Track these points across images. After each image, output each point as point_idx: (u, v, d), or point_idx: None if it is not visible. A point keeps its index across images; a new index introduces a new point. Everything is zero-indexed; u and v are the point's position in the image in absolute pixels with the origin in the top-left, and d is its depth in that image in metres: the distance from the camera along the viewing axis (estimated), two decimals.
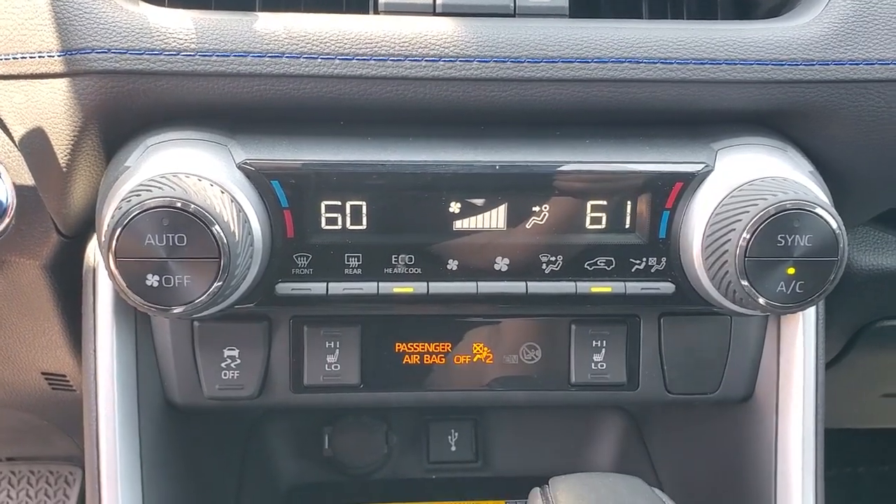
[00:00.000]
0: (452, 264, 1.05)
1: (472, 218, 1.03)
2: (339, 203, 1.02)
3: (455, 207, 1.03)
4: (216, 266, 0.91)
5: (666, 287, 1.07)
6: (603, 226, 1.05)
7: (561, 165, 1.02)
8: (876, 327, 1.45)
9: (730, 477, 1.29)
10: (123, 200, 0.91)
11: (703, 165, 1.03)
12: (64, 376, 1.36)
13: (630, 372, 1.17)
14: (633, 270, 1.06)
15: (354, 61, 0.98)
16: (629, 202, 1.04)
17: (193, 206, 0.90)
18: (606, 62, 1.00)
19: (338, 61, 0.98)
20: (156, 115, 1.01)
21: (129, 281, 0.92)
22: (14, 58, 0.96)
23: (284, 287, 1.04)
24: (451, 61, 0.99)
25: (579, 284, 1.06)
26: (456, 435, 1.66)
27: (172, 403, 1.17)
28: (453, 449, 1.66)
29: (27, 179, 1.01)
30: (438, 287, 1.05)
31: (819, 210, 0.95)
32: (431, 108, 1.01)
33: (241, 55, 0.97)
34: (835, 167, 1.09)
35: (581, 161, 1.02)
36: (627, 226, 1.05)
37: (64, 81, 0.96)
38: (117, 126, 1.01)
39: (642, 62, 1.00)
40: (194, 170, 0.95)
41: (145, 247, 0.91)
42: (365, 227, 1.03)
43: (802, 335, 1.15)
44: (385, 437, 1.65)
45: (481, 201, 1.03)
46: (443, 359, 1.17)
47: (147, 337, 1.13)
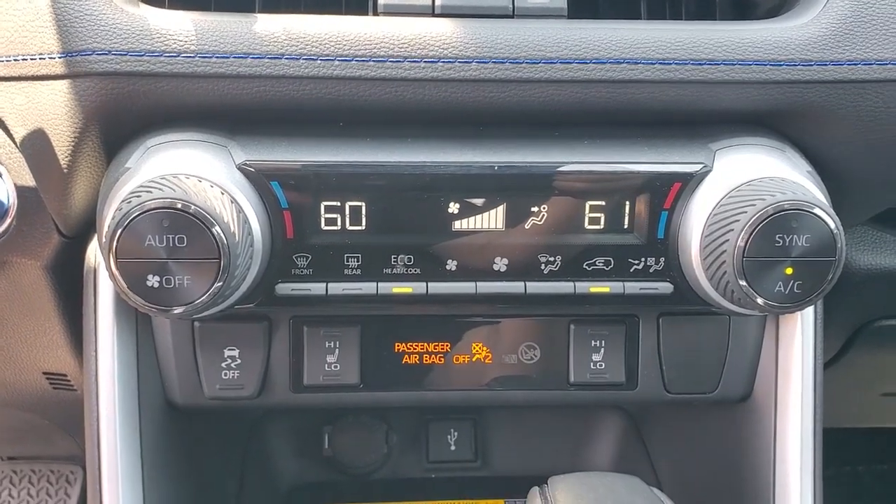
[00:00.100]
0: (451, 264, 1.05)
1: (471, 218, 1.03)
2: (339, 204, 1.02)
3: (454, 208, 1.03)
4: (216, 267, 0.92)
5: (664, 287, 1.07)
6: (601, 226, 1.05)
7: (560, 166, 1.02)
8: (874, 327, 1.45)
9: (728, 476, 1.29)
10: (124, 201, 0.92)
11: (702, 166, 1.03)
12: (65, 376, 1.36)
13: (629, 372, 1.17)
14: (632, 271, 1.06)
15: (354, 62, 0.98)
16: (628, 202, 1.04)
17: (194, 207, 0.90)
18: (605, 63, 1.00)
19: (337, 62, 0.98)
20: (156, 117, 1.02)
21: (130, 281, 0.92)
22: (15, 59, 0.97)
23: (284, 287, 1.05)
24: (450, 62, 0.99)
25: (578, 284, 1.06)
26: (455, 434, 1.66)
27: (173, 403, 1.17)
28: (453, 448, 1.66)
29: (28, 180, 1.02)
30: (437, 287, 1.06)
31: (817, 210, 0.95)
32: (430, 109, 1.01)
33: (241, 56, 0.97)
34: (833, 167, 1.09)
35: (579, 161, 1.03)
36: (626, 226, 1.05)
37: (65, 83, 0.97)
38: (118, 127, 1.02)
39: (641, 63, 1.00)
40: (194, 171, 0.95)
41: (146, 247, 0.91)
42: (364, 228, 1.03)
43: (801, 335, 1.15)
44: (385, 437, 1.65)
45: (480, 202, 1.03)
46: (442, 359, 1.17)
47: (148, 337, 1.14)
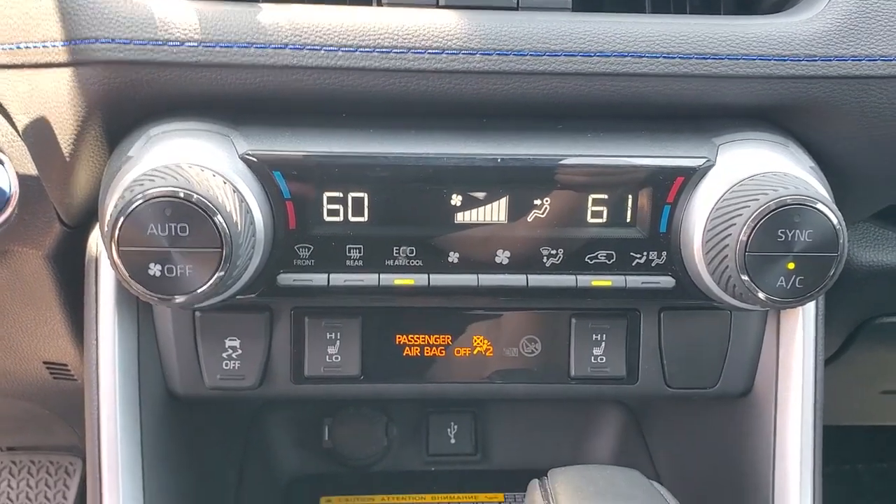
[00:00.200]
0: (453, 257, 1.05)
1: (474, 211, 1.03)
2: (341, 194, 1.02)
3: (456, 200, 1.03)
4: (218, 256, 0.92)
5: (666, 281, 1.07)
6: (604, 219, 1.05)
7: (563, 159, 1.02)
8: (875, 324, 1.45)
9: (728, 471, 1.29)
10: (126, 190, 0.91)
11: (705, 160, 1.03)
12: (65, 365, 1.36)
13: (630, 366, 1.17)
14: (634, 264, 1.06)
15: (357, 53, 0.98)
16: (630, 196, 1.04)
17: (196, 197, 0.90)
18: (609, 56, 1.00)
19: (341, 53, 0.98)
20: (159, 106, 1.01)
21: (132, 270, 0.92)
22: (18, 47, 0.96)
23: (286, 278, 1.05)
24: (454, 54, 0.99)
25: (580, 278, 1.06)
26: (455, 427, 1.66)
27: (174, 393, 1.17)
28: (453, 441, 1.66)
29: (30, 169, 1.01)
30: (439, 279, 1.06)
31: (820, 205, 0.95)
32: (434, 101, 1.01)
33: (245, 46, 0.97)
34: (836, 163, 1.09)
35: (583, 155, 1.03)
36: (628, 220, 1.05)
37: (68, 71, 0.96)
38: (120, 116, 1.02)
39: (645, 56, 1.00)
40: (197, 160, 0.95)
41: (148, 236, 0.91)
42: (366, 219, 1.03)
43: (802, 330, 1.15)
44: (385, 429, 1.65)
45: (483, 194, 1.03)
46: (443, 351, 1.17)
47: (149, 327, 1.13)
